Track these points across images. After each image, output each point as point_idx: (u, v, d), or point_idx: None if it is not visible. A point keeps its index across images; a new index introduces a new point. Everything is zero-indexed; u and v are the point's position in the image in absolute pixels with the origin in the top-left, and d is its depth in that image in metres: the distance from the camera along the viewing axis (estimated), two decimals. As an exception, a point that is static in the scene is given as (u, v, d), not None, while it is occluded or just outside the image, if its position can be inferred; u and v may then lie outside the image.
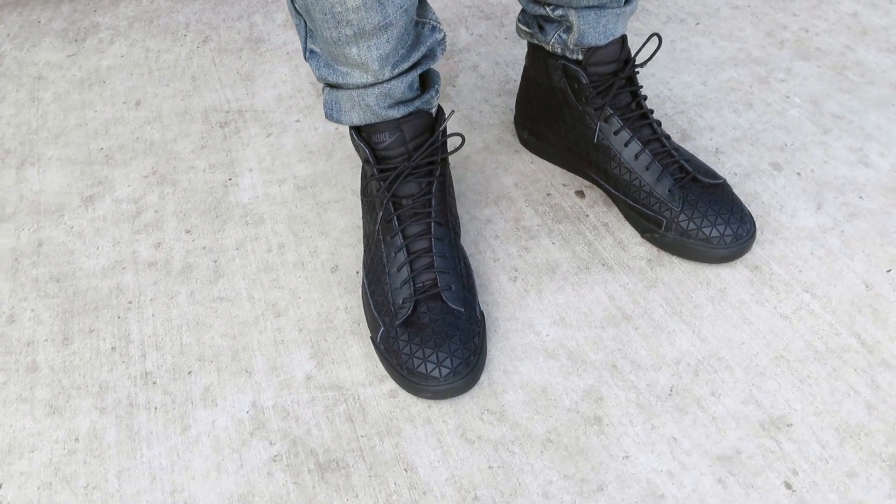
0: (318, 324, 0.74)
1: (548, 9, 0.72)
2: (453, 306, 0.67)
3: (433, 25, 0.68)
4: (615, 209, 0.82)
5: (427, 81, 0.72)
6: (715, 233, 0.72)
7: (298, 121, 0.98)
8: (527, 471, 0.62)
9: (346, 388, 0.68)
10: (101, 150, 0.97)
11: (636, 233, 0.79)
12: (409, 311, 0.67)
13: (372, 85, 0.66)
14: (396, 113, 0.68)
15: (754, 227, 0.74)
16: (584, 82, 0.75)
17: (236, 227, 0.85)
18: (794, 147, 0.87)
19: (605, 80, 0.75)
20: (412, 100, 0.69)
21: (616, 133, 0.76)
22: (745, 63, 0.99)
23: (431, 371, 0.64)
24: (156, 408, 0.69)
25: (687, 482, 0.60)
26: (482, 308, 0.73)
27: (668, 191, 0.74)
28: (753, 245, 0.76)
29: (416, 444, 0.64)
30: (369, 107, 0.67)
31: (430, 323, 0.66)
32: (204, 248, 0.83)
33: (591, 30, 0.72)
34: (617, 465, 0.61)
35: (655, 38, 1.03)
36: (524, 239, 0.80)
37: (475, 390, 0.67)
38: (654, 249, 0.77)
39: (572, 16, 0.71)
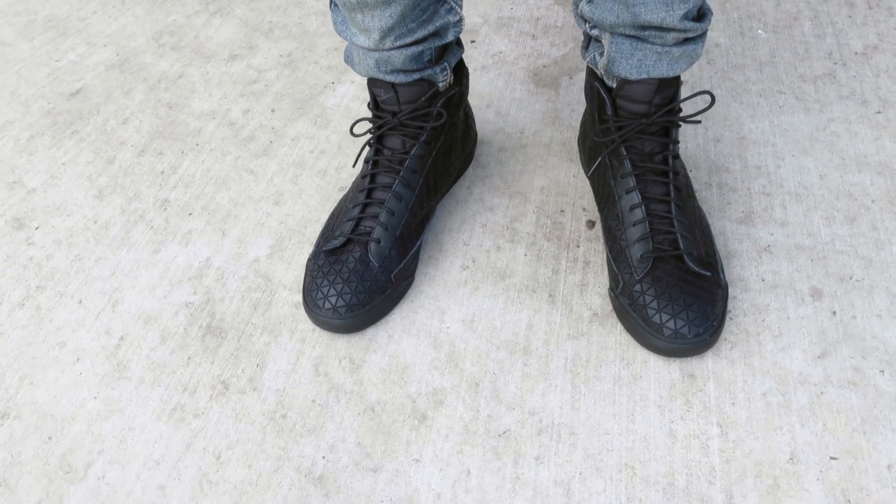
0: (296, 224, 0.83)
1: (587, 25, 0.68)
2: (371, 258, 0.71)
3: (451, 6, 0.68)
4: (610, 254, 0.77)
5: (441, 56, 0.73)
6: (657, 319, 0.66)
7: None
8: (336, 421, 0.66)
9: (271, 283, 0.77)
10: (270, 22, 1.13)
11: (607, 283, 0.74)
12: (339, 245, 0.73)
13: (373, 50, 0.69)
14: (394, 79, 0.71)
15: (710, 335, 0.65)
16: (608, 113, 0.70)
17: (305, 123, 0.95)
18: (857, 285, 0.72)
19: (631, 119, 0.69)
20: (414, 70, 0.71)
21: (622, 177, 0.71)
22: (892, 175, 0.82)
23: (318, 300, 0.70)
24: (152, 227, 0.84)
25: (446, 512, 0.60)
26: (415, 277, 0.76)
27: (641, 256, 0.68)
28: (706, 354, 0.67)
29: (280, 351, 0.71)
30: (370, 67, 0.71)
31: (343, 262, 0.72)
32: (272, 128, 0.95)
33: (622, 60, 0.66)
34: (404, 461, 0.63)
35: (707, 97, 0.89)
36: (504, 239, 0.79)
37: (356, 338, 0.72)
38: (609, 307, 0.72)
39: (606, 39, 0.66)
